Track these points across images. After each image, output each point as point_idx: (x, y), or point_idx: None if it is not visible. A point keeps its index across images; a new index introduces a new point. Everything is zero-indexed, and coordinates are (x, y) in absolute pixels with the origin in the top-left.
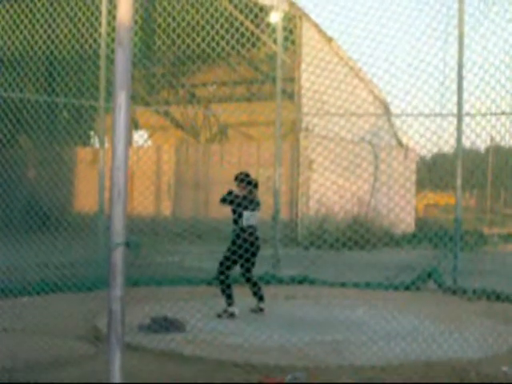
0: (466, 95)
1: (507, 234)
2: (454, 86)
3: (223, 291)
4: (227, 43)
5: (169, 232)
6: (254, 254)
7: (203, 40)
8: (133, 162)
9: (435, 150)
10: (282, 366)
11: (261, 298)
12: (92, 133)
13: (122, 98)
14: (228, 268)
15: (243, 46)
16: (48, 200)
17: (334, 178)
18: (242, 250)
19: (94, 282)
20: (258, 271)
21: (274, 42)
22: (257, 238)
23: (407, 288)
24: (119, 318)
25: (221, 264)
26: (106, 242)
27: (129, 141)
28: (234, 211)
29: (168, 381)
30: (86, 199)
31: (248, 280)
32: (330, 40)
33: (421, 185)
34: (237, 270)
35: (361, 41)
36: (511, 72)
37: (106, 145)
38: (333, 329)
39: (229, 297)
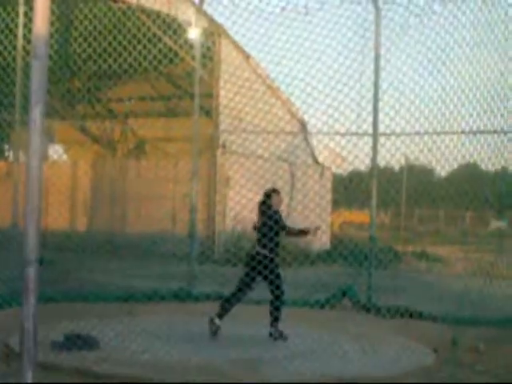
0: (381, 116)
1: (421, 251)
2: (370, 107)
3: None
4: (145, 58)
5: (84, 248)
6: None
7: (120, 55)
8: (47, 177)
9: (351, 168)
10: None
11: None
12: (7, 146)
13: (36, 113)
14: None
15: (161, 61)
16: None
17: (251, 195)
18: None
19: (7, 299)
20: (172, 287)
21: (193, 58)
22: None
23: (322, 306)
24: (32, 337)
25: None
26: (19, 257)
27: (43, 156)
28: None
29: None
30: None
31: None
32: (247, 57)
33: (336, 203)
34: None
35: (278, 59)
36: (425, 93)
37: (21, 159)
38: (249, 346)
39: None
